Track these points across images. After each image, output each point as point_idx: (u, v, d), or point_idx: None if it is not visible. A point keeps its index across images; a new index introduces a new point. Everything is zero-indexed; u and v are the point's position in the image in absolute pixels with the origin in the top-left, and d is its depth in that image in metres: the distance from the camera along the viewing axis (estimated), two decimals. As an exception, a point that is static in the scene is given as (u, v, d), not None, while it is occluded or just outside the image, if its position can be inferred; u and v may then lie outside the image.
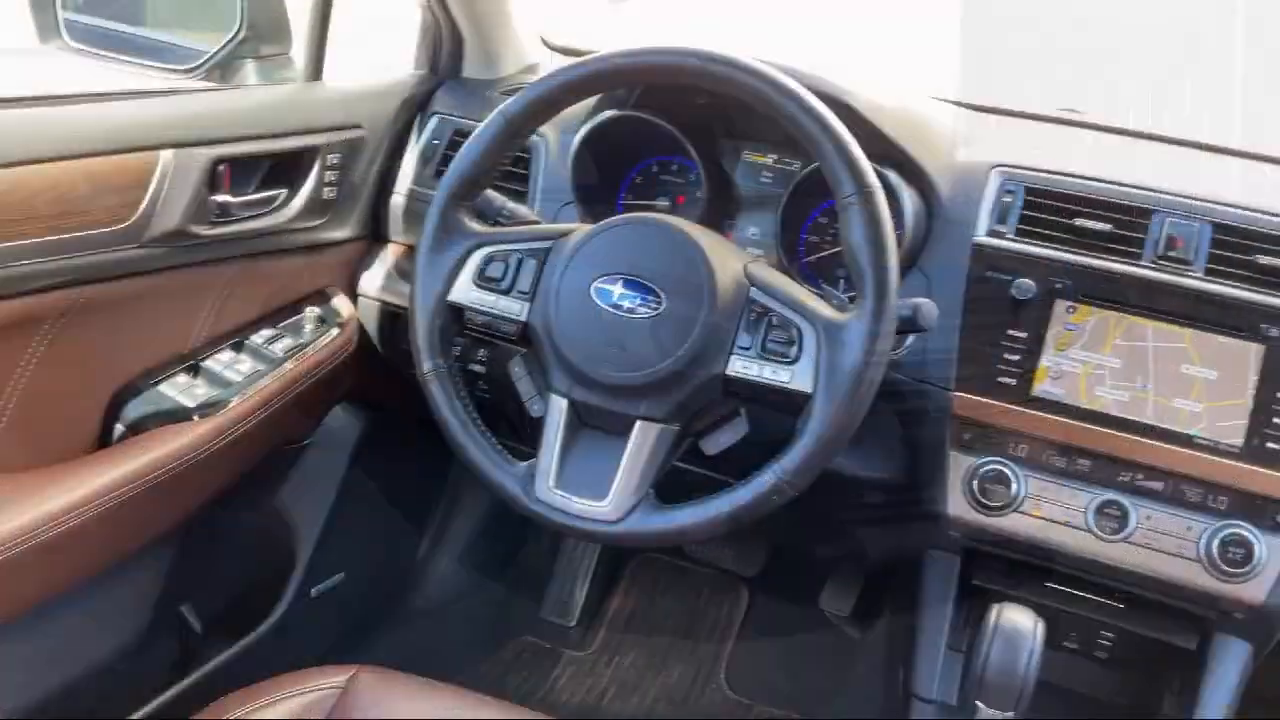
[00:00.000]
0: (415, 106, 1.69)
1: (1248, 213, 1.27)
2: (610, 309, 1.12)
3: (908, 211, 1.33)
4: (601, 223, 1.16)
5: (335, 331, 1.57)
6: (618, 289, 1.12)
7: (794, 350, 1.08)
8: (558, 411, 1.15)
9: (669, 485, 1.14)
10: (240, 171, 1.43)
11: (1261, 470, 1.19)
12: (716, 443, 1.17)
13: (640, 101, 1.47)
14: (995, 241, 1.31)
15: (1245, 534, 1.19)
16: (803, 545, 2.11)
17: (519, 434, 1.37)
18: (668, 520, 1.10)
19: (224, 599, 1.67)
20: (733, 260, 1.14)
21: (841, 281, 1.43)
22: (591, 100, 1.49)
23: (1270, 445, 1.19)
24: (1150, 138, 1.65)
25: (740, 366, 1.10)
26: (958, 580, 1.36)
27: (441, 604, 2.09)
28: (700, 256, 1.11)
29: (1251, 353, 1.21)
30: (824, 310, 1.10)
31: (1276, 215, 1.26)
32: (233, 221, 1.42)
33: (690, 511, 1.10)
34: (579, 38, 1.89)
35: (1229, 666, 1.26)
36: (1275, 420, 1.19)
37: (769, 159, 1.52)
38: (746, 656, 2.14)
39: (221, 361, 1.47)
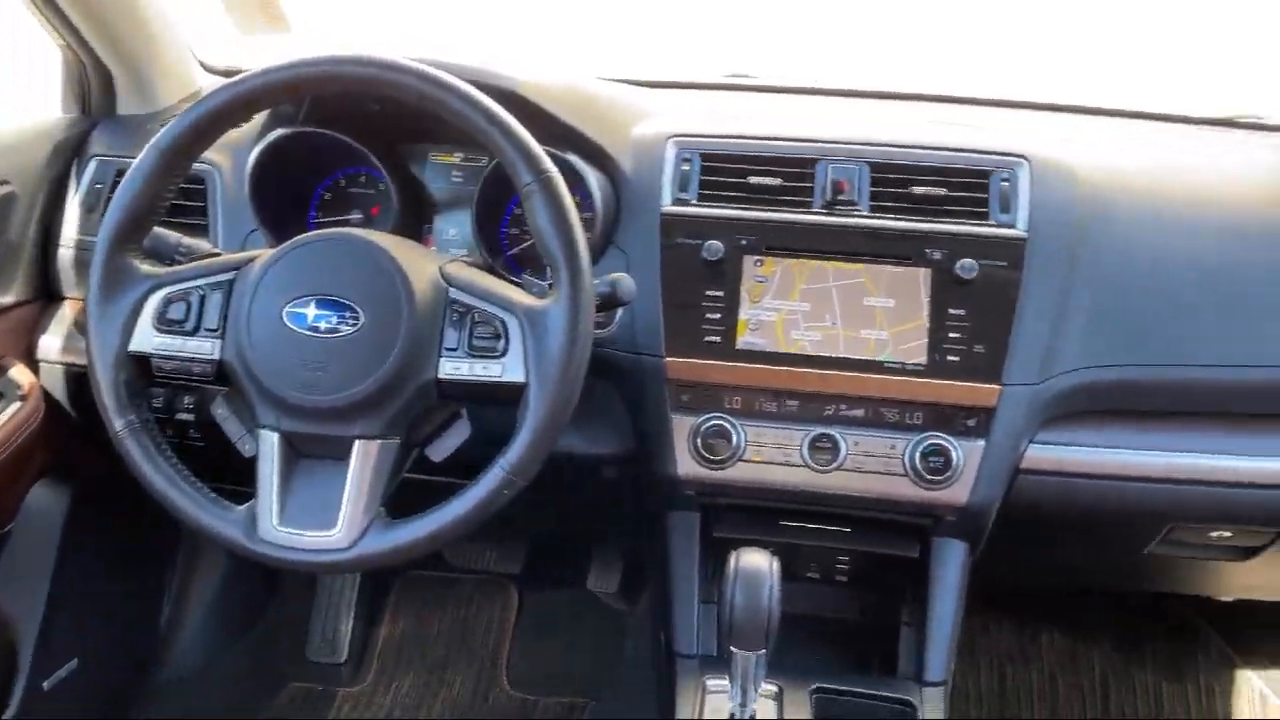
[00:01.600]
0: (69, 151, 1.57)
1: (900, 149, 1.37)
2: (307, 332, 1.08)
3: (595, 192, 1.36)
4: (283, 245, 1.12)
5: (16, 405, 1.44)
6: (311, 310, 1.09)
7: (501, 343, 1.09)
8: (270, 447, 1.11)
9: (407, 499, 1.12)
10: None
11: (946, 383, 1.29)
12: (442, 449, 1.16)
13: (311, 116, 1.43)
14: (680, 209, 1.36)
15: (942, 443, 1.30)
16: (557, 532, 2.13)
17: (243, 476, 1.32)
18: (403, 535, 1.09)
19: (-57, 713, 1.51)
20: (427, 263, 1.13)
21: (549, 269, 1.45)
22: (260, 120, 1.44)
23: (950, 359, 1.29)
24: (810, 92, 1.76)
25: (451, 368, 1.10)
26: (700, 536, 1.41)
27: (196, 668, 1.98)
28: (392, 265, 1.10)
29: (921, 277, 1.31)
30: (524, 299, 1.11)
31: (924, 148, 1.37)
32: (-127, 305, 1.28)
33: (424, 522, 1.08)
34: (243, 58, 1.81)
35: (950, 566, 1.37)
36: (951, 335, 1.30)
37: (456, 158, 1.52)
38: (525, 653, 2.15)
39: (-111, 459, 1.32)
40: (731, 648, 1.15)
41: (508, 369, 1.08)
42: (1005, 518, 1.37)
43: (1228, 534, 1.43)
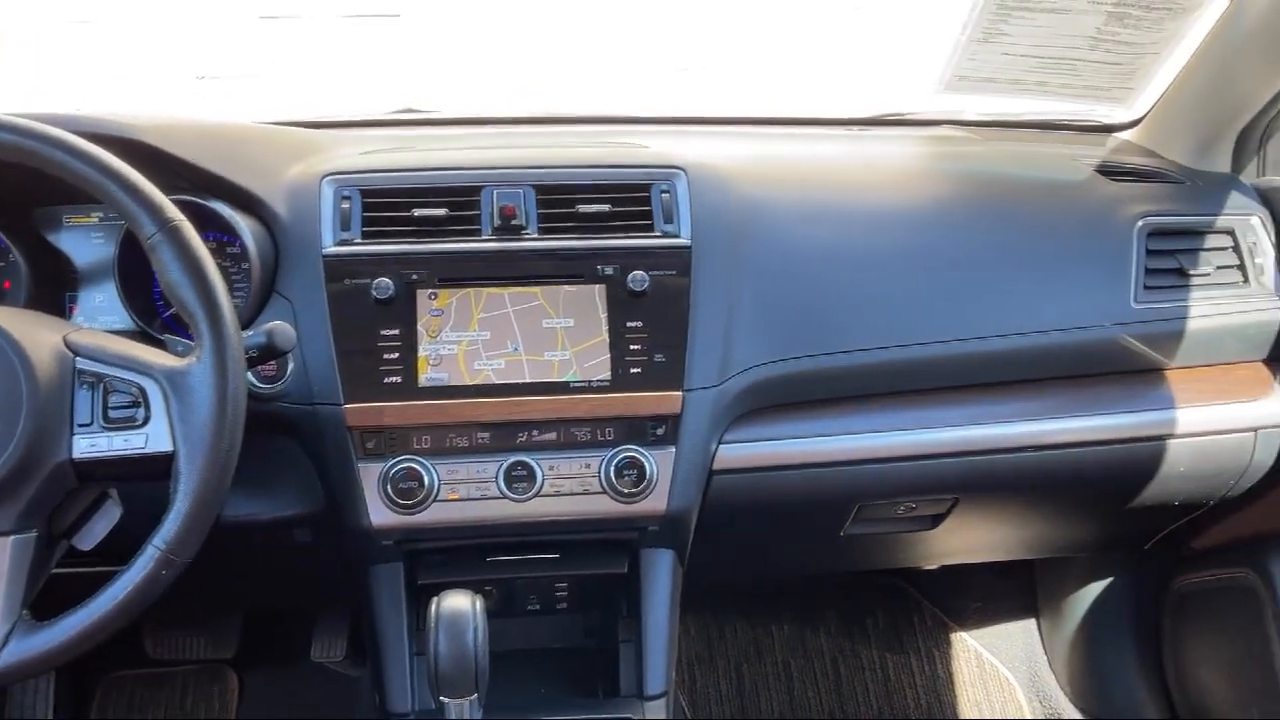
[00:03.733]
0: None
1: (563, 170, 1.37)
2: None
3: (249, 241, 1.28)
4: None
5: None
6: None
7: (141, 412, 1.00)
8: None
9: (67, 593, 1.01)
10: None
11: (631, 395, 1.30)
12: (91, 536, 1.06)
13: (-92, 187, 1.27)
14: (344, 249, 1.30)
15: (635, 455, 1.30)
16: (271, 605, 2.00)
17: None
18: (50, 638, 0.98)
19: None
20: (48, 333, 1.02)
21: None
22: None
23: (633, 371, 1.30)
24: (477, 122, 1.75)
25: (86, 445, 1.00)
26: (405, 585, 1.35)
27: None
28: (3, 339, 0.98)
29: (596, 293, 1.31)
30: (163, 361, 1.02)
31: (586, 167, 1.38)
32: None
33: (74, 620, 0.98)
34: None
35: (659, 576, 1.38)
36: (631, 348, 1.30)
37: (94, 218, 1.39)
38: (252, 740, 2.00)
39: None
40: (442, 698, 1.10)
41: (151, 439, 1.00)
42: (707, 520, 1.39)
43: (912, 505, 1.51)
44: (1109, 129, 1.84)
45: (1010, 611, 2.22)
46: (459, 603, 1.12)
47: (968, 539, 1.74)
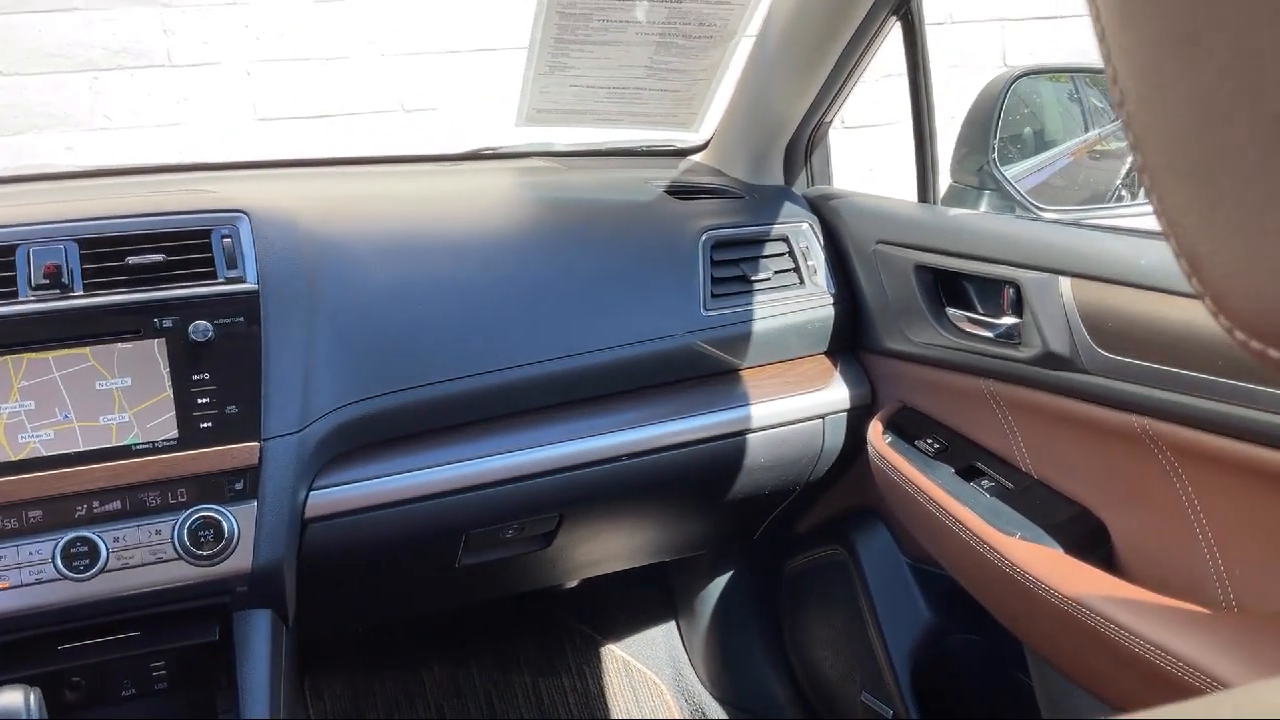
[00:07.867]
0: None
1: (108, 221, 1.28)
2: None
3: None
4: None
5: None
6: None
7: None
8: None
9: None
10: None
11: (203, 451, 1.23)
12: None
13: None
14: None
15: (210, 514, 1.23)
16: None
17: None
18: None
19: None
20: None
21: None
22: None
23: (203, 426, 1.24)
24: (16, 180, 1.61)
25: None
26: None
27: None
28: None
29: (155, 349, 1.24)
30: None
31: (135, 216, 1.30)
32: None
33: None
34: None
35: (256, 638, 1.30)
36: (200, 402, 1.24)
37: None
38: None
39: None
40: None
41: None
42: (310, 571, 1.34)
43: (519, 527, 1.53)
44: (683, 153, 1.96)
45: (652, 617, 2.29)
46: (8, 700, 1.01)
47: (588, 552, 1.78)
